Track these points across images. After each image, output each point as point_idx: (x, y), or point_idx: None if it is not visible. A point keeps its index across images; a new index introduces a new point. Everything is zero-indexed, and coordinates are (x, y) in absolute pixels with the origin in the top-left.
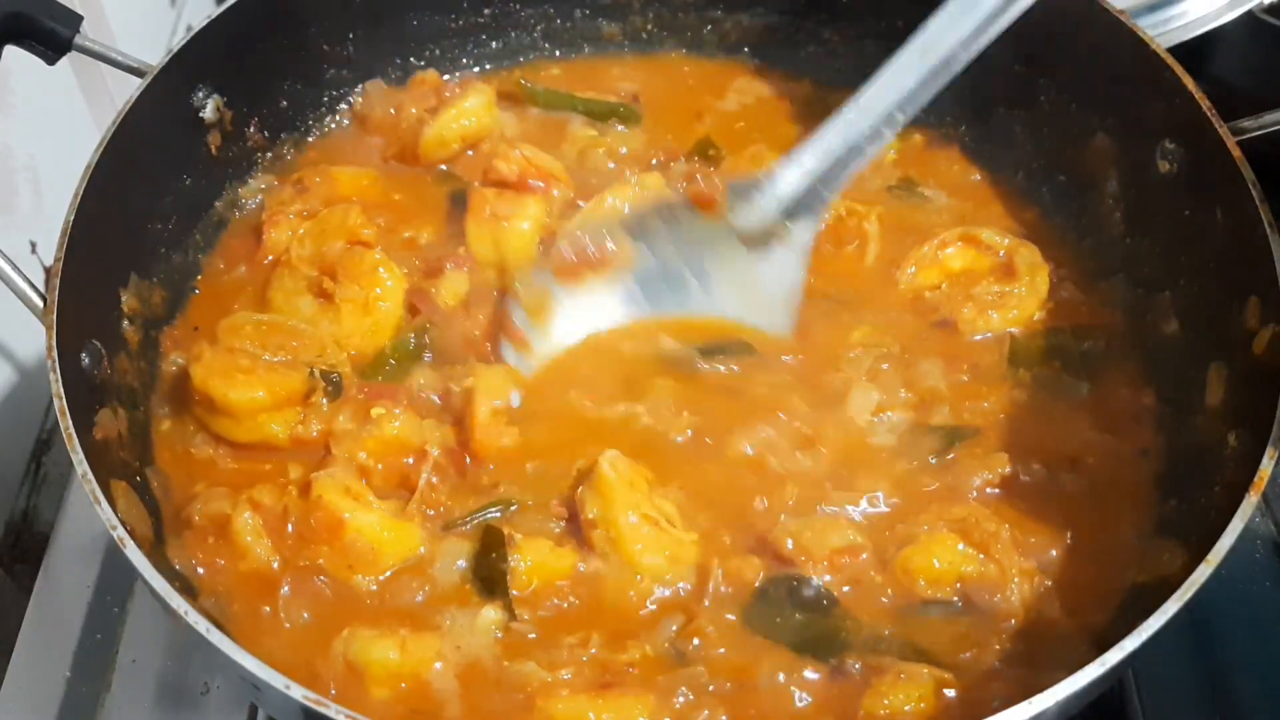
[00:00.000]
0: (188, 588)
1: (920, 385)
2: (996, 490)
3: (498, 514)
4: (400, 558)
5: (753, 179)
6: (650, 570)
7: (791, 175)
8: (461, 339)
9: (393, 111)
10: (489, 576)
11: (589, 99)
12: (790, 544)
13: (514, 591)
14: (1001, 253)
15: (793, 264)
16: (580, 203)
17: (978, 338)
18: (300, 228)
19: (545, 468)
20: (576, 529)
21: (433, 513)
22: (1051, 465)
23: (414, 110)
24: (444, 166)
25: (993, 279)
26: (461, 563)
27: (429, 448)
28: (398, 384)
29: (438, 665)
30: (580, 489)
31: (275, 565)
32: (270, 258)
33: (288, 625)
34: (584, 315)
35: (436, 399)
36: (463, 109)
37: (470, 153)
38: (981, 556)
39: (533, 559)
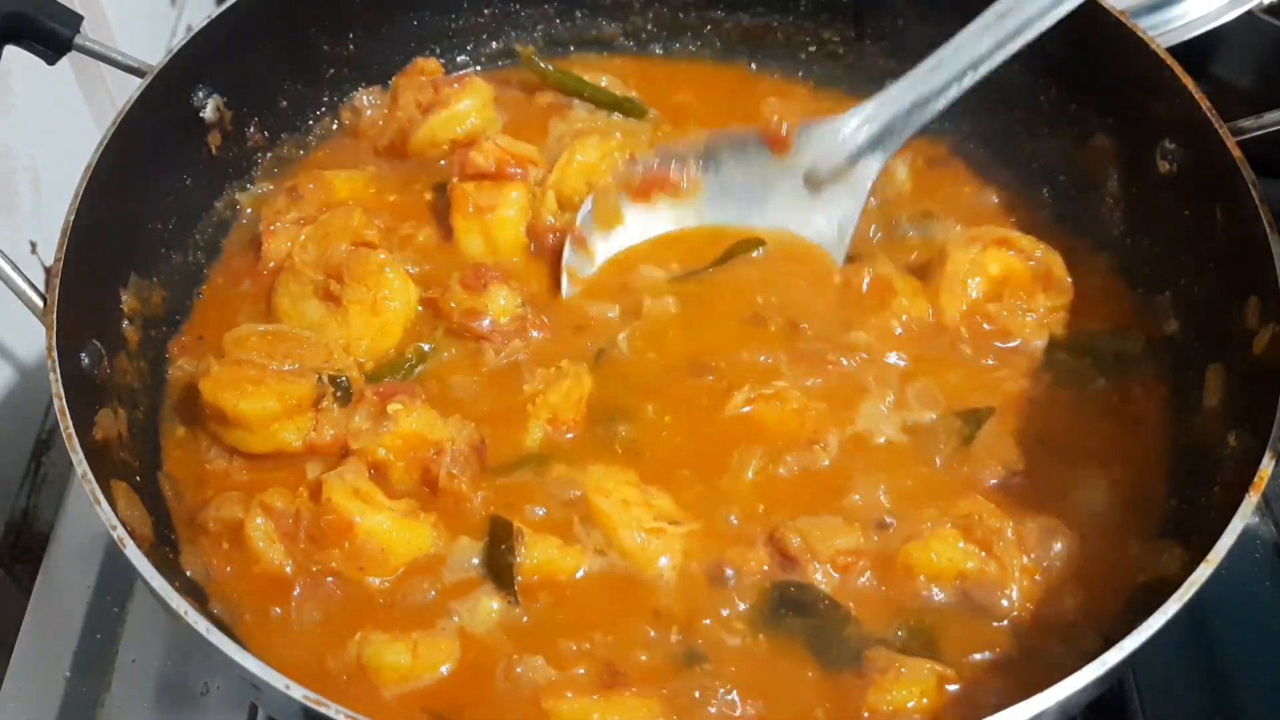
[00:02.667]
0: (198, 592)
1: (929, 384)
2: (1003, 482)
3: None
4: (410, 557)
5: (824, 121)
6: (658, 568)
7: (860, 122)
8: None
9: (380, 122)
10: (497, 567)
11: (598, 87)
12: (796, 541)
13: (519, 577)
14: (1039, 253)
15: (852, 199)
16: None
17: (1016, 343)
18: (300, 234)
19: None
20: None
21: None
22: (1059, 460)
23: (412, 96)
24: (443, 162)
25: (1039, 289)
26: (474, 560)
27: (447, 441)
28: (412, 382)
29: (447, 665)
30: (578, 522)
31: (288, 569)
32: (271, 265)
33: (299, 626)
34: (647, 227)
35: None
36: (454, 113)
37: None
38: (983, 554)
39: (539, 555)
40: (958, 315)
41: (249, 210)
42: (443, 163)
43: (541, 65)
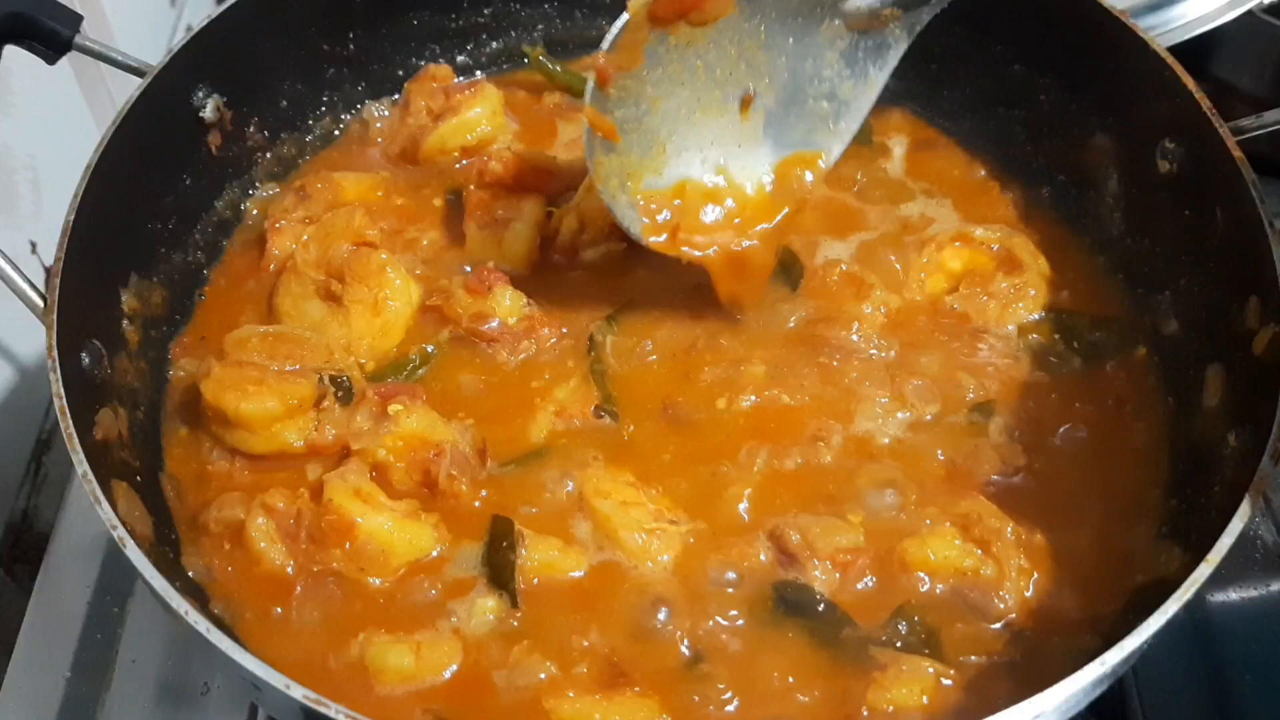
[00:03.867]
0: (199, 592)
1: (928, 382)
2: (1004, 480)
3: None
4: (410, 558)
5: None
6: (658, 567)
7: None
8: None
9: (389, 134)
10: (497, 566)
11: None
12: (796, 539)
13: (519, 577)
14: (996, 246)
15: (894, 48)
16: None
17: (1010, 329)
18: (304, 233)
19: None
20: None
21: None
22: (1059, 459)
23: (423, 103)
24: (459, 165)
25: (1001, 274)
26: (475, 560)
27: (447, 443)
28: (414, 383)
29: (450, 666)
30: (579, 525)
31: (289, 570)
32: (274, 265)
33: (299, 626)
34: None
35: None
36: (465, 120)
37: (466, 161)
38: (979, 553)
39: (540, 556)
40: (925, 304)
41: (254, 211)
42: (458, 166)
43: (550, 66)
